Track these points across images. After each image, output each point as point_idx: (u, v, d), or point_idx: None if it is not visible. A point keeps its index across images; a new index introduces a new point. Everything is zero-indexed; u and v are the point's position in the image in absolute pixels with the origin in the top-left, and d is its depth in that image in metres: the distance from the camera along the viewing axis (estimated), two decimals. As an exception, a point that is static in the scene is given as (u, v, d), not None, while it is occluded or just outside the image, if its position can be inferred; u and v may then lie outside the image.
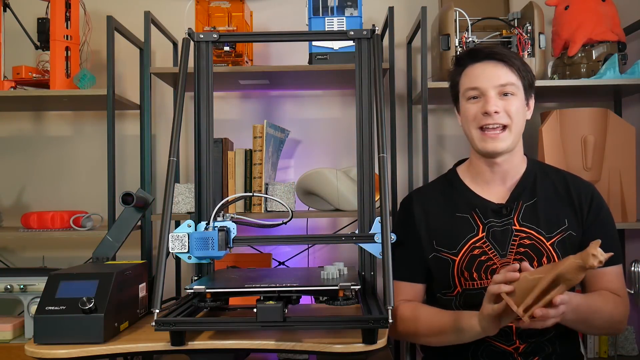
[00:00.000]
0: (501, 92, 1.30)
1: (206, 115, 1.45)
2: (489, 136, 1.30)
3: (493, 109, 1.28)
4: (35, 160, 2.21)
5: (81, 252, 2.09)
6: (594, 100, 2.13)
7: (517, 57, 1.33)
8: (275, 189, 1.85)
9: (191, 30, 1.45)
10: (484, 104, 1.29)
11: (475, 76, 1.32)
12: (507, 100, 1.29)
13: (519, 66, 1.31)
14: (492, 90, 1.29)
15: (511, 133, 1.30)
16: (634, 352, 1.95)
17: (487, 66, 1.31)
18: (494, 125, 1.29)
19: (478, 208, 1.35)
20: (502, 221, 1.33)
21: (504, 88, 1.29)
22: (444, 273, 1.34)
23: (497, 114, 1.28)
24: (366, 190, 1.39)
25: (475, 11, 1.89)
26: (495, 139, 1.30)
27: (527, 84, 1.33)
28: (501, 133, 1.30)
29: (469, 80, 1.33)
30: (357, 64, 1.44)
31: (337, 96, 2.21)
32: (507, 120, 1.29)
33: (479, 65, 1.32)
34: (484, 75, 1.31)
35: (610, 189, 1.82)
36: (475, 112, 1.31)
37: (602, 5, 1.86)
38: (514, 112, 1.29)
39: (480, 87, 1.31)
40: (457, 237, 1.34)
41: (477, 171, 1.39)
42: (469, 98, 1.33)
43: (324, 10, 1.88)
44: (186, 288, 1.15)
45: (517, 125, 1.31)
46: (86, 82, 1.89)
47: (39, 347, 1.11)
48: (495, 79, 1.29)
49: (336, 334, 1.13)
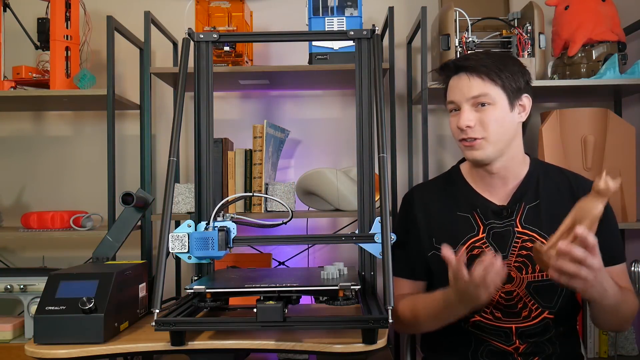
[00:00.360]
0: (475, 103, 1.27)
1: (206, 115, 1.45)
2: (466, 145, 1.30)
3: (465, 123, 1.26)
4: (35, 160, 2.21)
5: (81, 252, 2.09)
6: (594, 100, 2.13)
7: (494, 63, 1.27)
8: (275, 189, 1.85)
9: (191, 30, 1.45)
10: (458, 119, 1.29)
11: (451, 89, 1.32)
12: (483, 111, 1.26)
13: (495, 72, 1.26)
14: (466, 104, 1.28)
15: (488, 143, 1.27)
16: (634, 352, 1.94)
17: (461, 79, 1.30)
18: (469, 140, 1.28)
19: (479, 208, 1.34)
20: (504, 222, 1.32)
21: (477, 99, 1.26)
22: (443, 271, 1.31)
23: (470, 128, 1.26)
24: (366, 190, 1.39)
25: (475, 11, 1.89)
26: (472, 148, 1.28)
27: (513, 87, 1.27)
28: (477, 142, 1.27)
29: (449, 93, 1.33)
30: (357, 64, 1.44)
31: (337, 96, 2.22)
32: (481, 133, 1.27)
33: (455, 78, 1.32)
34: (457, 88, 1.30)
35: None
36: (454, 125, 1.31)
37: (602, 5, 1.86)
38: (490, 123, 1.25)
39: (455, 101, 1.30)
40: (456, 236, 1.33)
41: (478, 176, 1.38)
42: (451, 110, 1.33)
43: (324, 10, 1.88)
44: (186, 288, 1.15)
45: (497, 134, 1.27)
46: (86, 82, 1.89)
47: (39, 347, 1.11)
48: (467, 91, 1.27)
49: (336, 334, 1.13)
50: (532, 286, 1.28)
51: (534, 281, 1.27)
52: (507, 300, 1.29)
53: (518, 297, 1.28)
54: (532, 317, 1.28)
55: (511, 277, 1.28)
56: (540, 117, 1.95)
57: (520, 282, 1.28)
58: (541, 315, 1.29)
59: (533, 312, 1.28)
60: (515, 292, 1.28)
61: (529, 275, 1.28)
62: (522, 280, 1.28)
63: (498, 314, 1.29)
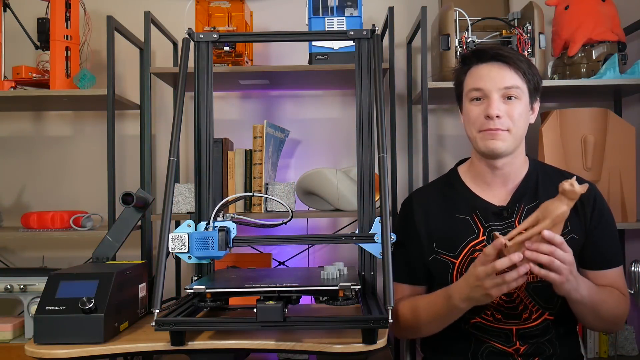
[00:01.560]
0: (505, 95, 1.27)
1: (206, 115, 1.45)
2: (489, 134, 1.27)
3: (495, 112, 1.25)
4: (35, 160, 2.21)
5: (81, 252, 2.09)
6: (594, 100, 2.13)
7: (524, 60, 1.29)
8: (275, 189, 1.85)
9: (191, 30, 1.45)
10: (486, 107, 1.27)
11: (480, 77, 1.29)
12: (510, 104, 1.27)
13: (525, 69, 1.28)
14: (496, 93, 1.26)
15: (511, 135, 1.27)
16: (634, 352, 1.94)
17: (493, 67, 1.28)
18: (494, 130, 1.27)
19: (479, 210, 1.33)
20: (504, 224, 1.31)
21: (509, 91, 1.26)
22: (443, 275, 1.33)
23: (499, 119, 1.26)
24: (366, 190, 1.39)
25: (475, 11, 1.89)
26: (495, 137, 1.26)
27: (533, 87, 1.30)
28: (501, 132, 1.27)
29: (473, 81, 1.30)
30: (357, 64, 1.44)
31: (337, 96, 2.21)
32: (509, 125, 1.26)
33: (485, 66, 1.29)
34: (489, 76, 1.28)
35: (610, 189, 1.82)
36: (477, 114, 1.29)
37: (602, 5, 1.86)
38: (516, 116, 1.26)
39: (484, 89, 1.28)
40: (457, 240, 1.33)
41: (478, 172, 1.37)
42: (472, 99, 1.30)
43: (324, 10, 1.88)
44: (186, 288, 1.15)
45: (519, 129, 1.28)
46: (86, 82, 1.89)
47: (39, 347, 1.11)
48: (500, 81, 1.27)
49: (336, 334, 1.13)
50: (531, 287, 1.28)
51: (534, 282, 1.27)
52: (508, 302, 1.28)
53: (519, 299, 1.28)
54: (533, 319, 1.28)
55: None
56: (540, 117, 1.94)
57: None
58: (542, 317, 1.29)
59: (534, 313, 1.28)
60: (516, 294, 1.28)
61: (528, 277, 1.26)
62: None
63: (499, 316, 1.29)
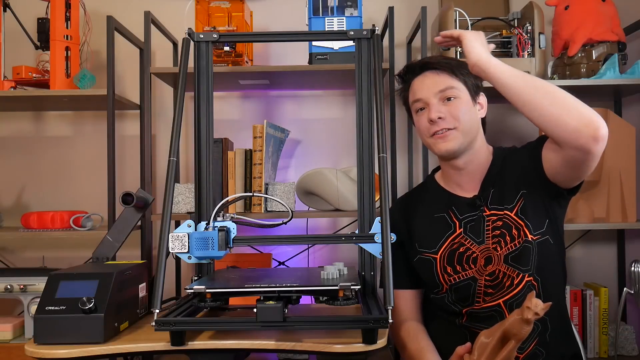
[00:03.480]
0: (443, 97, 1.35)
1: (206, 115, 1.45)
2: (439, 137, 1.35)
3: (436, 115, 1.33)
4: (35, 160, 2.21)
5: (81, 252, 2.09)
6: (594, 100, 2.12)
7: (452, 61, 1.38)
8: (275, 189, 1.85)
9: (191, 30, 1.45)
10: (428, 113, 1.35)
11: (417, 88, 1.39)
12: (450, 104, 1.34)
13: (455, 69, 1.36)
14: (434, 98, 1.35)
15: (460, 132, 1.34)
16: (634, 352, 1.95)
17: (426, 77, 1.38)
18: (441, 131, 1.34)
19: (454, 205, 1.40)
20: (476, 212, 1.37)
21: (444, 93, 1.34)
22: (429, 273, 1.39)
23: (442, 120, 1.34)
24: (366, 190, 1.39)
25: (475, 11, 1.89)
26: (445, 139, 1.34)
27: (471, 85, 1.37)
28: (449, 133, 1.33)
29: (413, 94, 1.40)
30: (357, 64, 1.44)
31: (337, 96, 2.21)
32: (453, 123, 1.34)
33: (418, 78, 1.39)
34: (423, 85, 1.37)
35: (610, 189, 1.82)
36: (424, 122, 1.37)
37: (602, 5, 1.86)
38: (460, 114, 1.34)
39: (422, 98, 1.37)
40: (435, 237, 1.39)
41: (447, 175, 1.45)
42: (417, 110, 1.40)
43: (324, 10, 1.88)
44: (186, 288, 1.15)
45: (466, 125, 1.34)
46: (86, 82, 1.89)
47: (39, 347, 1.11)
48: (434, 86, 1.35)
49: (336, 334, 1.13)
50: (509, 258, 1.32)
51: (509, 253, 1.32)
52: (492, 280, 1.33)
53: (501, 273, 1.32)
54: (515, 285, 1.31)
55: (490, 258, 1.33)
56: (540, 117, 1.94)
57: (499, 259, 1.32)
58: (523, 281, 1.31)
59: (515, 279, 1.31)
60: (497, 269, 1.32)
61: (503, 250, 1.32)
62: (500, 257, 1.32)
63: (488, 298, 1.33)
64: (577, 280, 2.13)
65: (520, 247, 1.30)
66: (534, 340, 1.31)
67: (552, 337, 1.32)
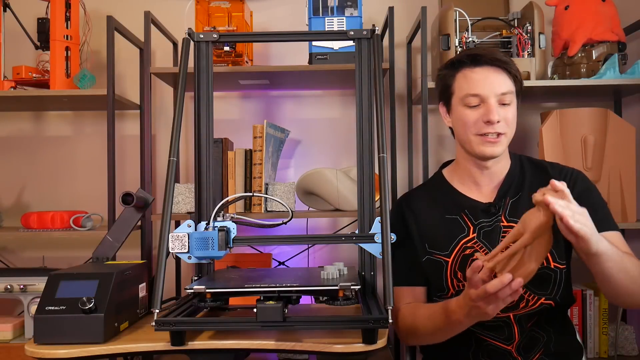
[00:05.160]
0: (501, 101, 1.29)
1: (206, 115, 1.45)
2: (488, 141, 1.30)
3: (496, 118, 1.27)
4: (35, 160, 2.21)
5: (81, 252, 2.09)
6: (594, 100, 2.12)
7: (514, 63, 1.33)
8: (275, 189, 1.85)
9: (191, 30, 1.45)
10: (486, 112, 1.28)
11: (476, 82, 1.30)
12: (505, 109, 1.30)
13: (516, 73, 1.32)
14: (493, 98, 1.28)
15: (507, 138, 1.32)
16: (634, 352, 1.94)
17: (489, 73, 1.30)
18: (492, 135, 1.30)
19: (467, 209, 1.36)
20: (492, 220, 1.34)
21: (504, 97, 1.29)
22: (437, 275, 1.35)
23: (498, 123, 1.29)
24: (366, 190, 1.39)
25: (475, 11, 1.89)
26: (494, 145, 1.30)
27: (518, 90, 1.34)
28: (498, 139, 1.30)
29: (469, 86, 1.31)
30: (357, 64, 1.44)
31: (337, 96, 2.21)
32: (505, 129, 1.30)
33: (480, 71, 1.30)
34: (486, 82, 1.29)
35: (610, 189, 1.82)
36: (475, 119, 1.30)
37: (602, 5, 1.86)
38: (511, 121, 1.31)
39: (481, 95, 1.29)
40: (448, 238, 1.35)
41: (465, 173, 1.40)
42: (468, 104, 1.31)
43: (324, 10, 1.88)
44: (186, 288, 1.15)
45: (512, 132, 1.33)
46: (86, 82, 1.89)
47: (39, 347, 1.11)
48: (497, 87, 1.29)
49: (336, 334, 1.13)
50: None
51: None
52: None
53: None
54: (530, 306, 1.29)
55: None
56: (540, 117, 1.94)
57: None
58: (538, 302, 1.29)
59: (530, 301, 1.29)
60: None
61: None
62: None
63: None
64: (577, 280, 2.12)
65: (540, 272, 1.21)
66: (539, 351, 1.30)
67: (557, 346, 1.31)
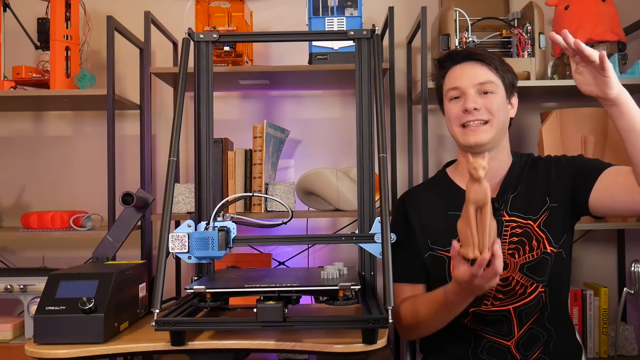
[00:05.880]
0: (480, 90, 1.34)
1: (206, 115, 1.45)
2: (470, 129, 1.34)
3: (472, 105, 1.32)
4: (35, 160, 2.21)
5: (81, 252, 2.09)
6: (594, 100, 2.11)
7: (496, 57, 1.38)
8: (275, 189, 1.85)
9: (191, 30, 1.45)
10: (464, 102, 1.34)
11: (455, 77, 1.37)
12: (487, 97, 1.34)
13: (497, 65, 1.36)
14: (472, 89, 1.34)
15: (492, 127, 1.33)
16: (634, 352, 1.95)
17: (467, 67, 1.37)
18: (474, 122, 1.33)
19: None
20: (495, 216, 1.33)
21: (483, 86, 1.33)
22: (440, 271, 1.36)
23: (477, 111, 1.32)
24: (366, 190, 1.39)
25: (475, 11, 1.89)
26: (476, 132, 1.33)
27: (508, 83, 1.37)
28: (482, 126, 1.33)
29: (450, 81, 1.38)
30: (357, 64, 1.44)
31: (337, 96, 2.21)
32: (487, 116, 1.33)
33: (459, 67, 1.38)
34: (463, 75, 1.36)
35: (610, 189, 1.82)
36: (457, 111, 1.36)
37: (602, 5, 1.86)
38: (494, 109, 1.33)
39: (460, 87, 1.35)
40: (451, 235, 1.33)
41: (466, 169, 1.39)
42: (451, 98, 1.38)
43: (324, 10, 1.88)
44: (186, 288, 1.15)
45: (499, 121, 1.34)
46: (86, 82, 1.89)
47: (39, 347, 1.11)
48: (474, 78, 1.34)
49: (336, 334, 1.13)
50: (525, 267, 1.31)
51: (526, 262, 1.31)
52: (505, 286, 1.31)
53: (515, 281, 1.31)
54: (528, 294, 1.31)
55: (506, 264, 1.31)
56: (540, 117, 1.94)
57: (514, 266, 1.31)
58: (536, 291, 1.31)
59: (528, 288, 1.31)
60: (511, 277, 1.31)
61: (521, 259, 1.31)
62: (516, 265, 1.31)
63: (497, 302, 1.32)
64: (577, 280, 2.13)
65: (538, 258, 1.30)
66: (538, 349, 1.31)
67: (556, 346, 1.32)
